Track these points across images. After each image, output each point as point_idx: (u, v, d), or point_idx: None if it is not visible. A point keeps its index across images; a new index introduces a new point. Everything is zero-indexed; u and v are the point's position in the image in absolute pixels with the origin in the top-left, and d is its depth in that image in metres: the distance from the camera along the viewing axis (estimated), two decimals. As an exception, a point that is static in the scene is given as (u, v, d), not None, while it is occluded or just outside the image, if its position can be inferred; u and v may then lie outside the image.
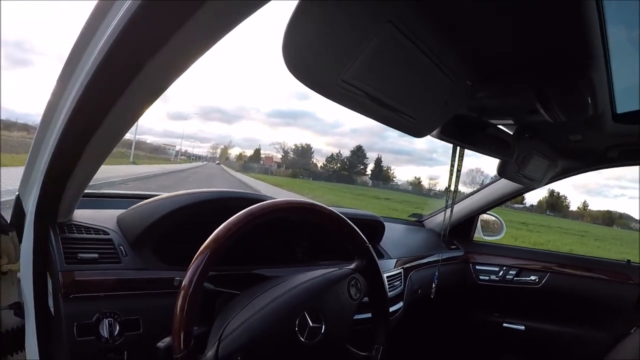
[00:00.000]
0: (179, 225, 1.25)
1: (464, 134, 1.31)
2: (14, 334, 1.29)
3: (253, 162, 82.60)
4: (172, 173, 28.12)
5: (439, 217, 2.70)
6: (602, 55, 0.92)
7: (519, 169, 1.66)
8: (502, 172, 1.62)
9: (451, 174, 1.46)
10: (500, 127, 1.48)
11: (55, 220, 1.15)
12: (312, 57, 0.67)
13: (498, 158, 1.56)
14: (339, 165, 77.40)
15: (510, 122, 1.48)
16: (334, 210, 1.19)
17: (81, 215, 1.26)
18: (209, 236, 0.99)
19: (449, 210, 1.60)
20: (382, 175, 74.50)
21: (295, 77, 0.67)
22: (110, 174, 16.20)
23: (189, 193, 1.30)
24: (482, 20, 0.84)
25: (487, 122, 1.41)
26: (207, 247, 0.93)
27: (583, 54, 0.91)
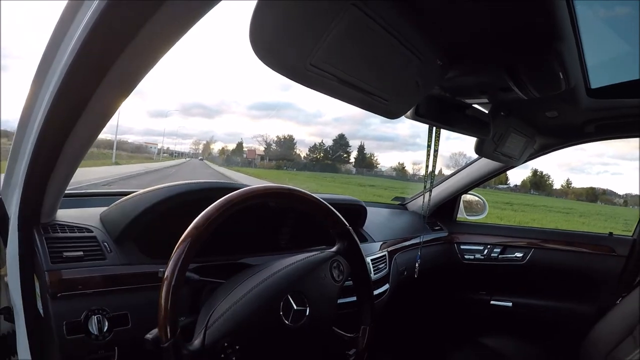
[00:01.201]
0: (161, 218, 1.25)
1: (439, 114, 1.32)
2: (5, 339, 1.29)
3: (236, 156, 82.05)
4: (156, 171, 27.93)
5: (421, 200, 2.70)
6: (570, 29, 0.93)
7: (496, 147, 1.68)
8: (479, 150, 1.64)
9: (428, 155, 1.47)
10: (476, 106, 1.49)
11: (39, 221, 1.16)
12: (279, 42, 0.68)
13: (475, 137, 1.58)
14: (322, 154, 77.40)
15: (485, 100, 1.49)
16: (315, 196, 1.19)
17: (64, 215, 1.26)
18: (188, 226, 0.99)
19: (428, 192, 1.62)
20: (365, 162, 74.63)
21: (264, 62, 0.67)
22: (93, 176, 16.05)
23: (169, 186, 1.30)
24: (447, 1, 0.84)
25: (462, 101, 1.43)
26: (187, 236, 0.94)
27: (550, 29, 0.92)
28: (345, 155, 76.78)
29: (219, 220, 0.97)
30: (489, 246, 2.55)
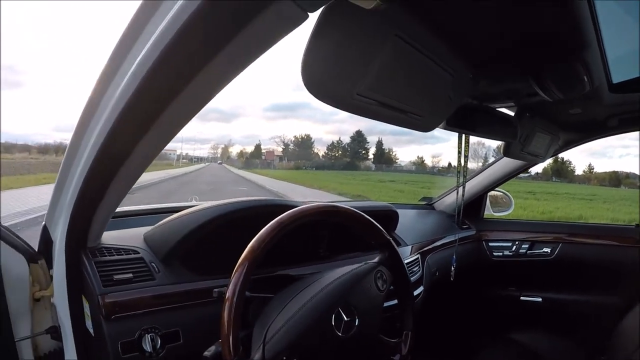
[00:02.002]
0: (206, 238, 1.30)
1: (468, 122, 1.36)
2: (51, 356, 1.35)
3: (255, 158, 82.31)
4: (177, 177, 28.18)
5: (448, 199, 2.74)
6: (594, 34, 0.95)
7: (522, 147, 1.71)
8: (507, 152, 1.67)
9: (459, 162, 1.51)
10: (502, 110, 1.53)
11: (86, 245, 1.20)
12: (329, 77, 0.73)
13: (502, 140, 1.61)
14: (340, 152, 77.18)
15: (511, 104, 1.52)
16: (352, 207, 1.24)
17: (108, 237, 1.30)
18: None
19: (460, 194, 1.66)
20: (384, 158, 74.27)
21: (314, 95, 0.72)
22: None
23: (211, 206, 1.34)
24: (477, 18, 0.89)
25: (489, 107, 1.46)
26: (245, 259, 0.99)
27: (575, 38, 0.95)
28: (363, 152, 76.57)
29: (272, 242, 1.02)
30: (517, 242, 2.55)
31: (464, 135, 1.47)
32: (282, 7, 0.54)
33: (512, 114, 1.58)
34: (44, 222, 1.27)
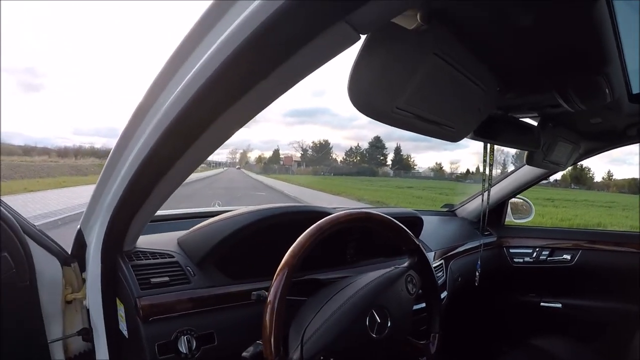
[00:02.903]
0: (240, 244, 1.34)
1: (494, 132, 1.40)
2: (81, 358, 1.40)
3: (273, 164, 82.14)
4: (197, 181, 28.34)
5: (470, 206, 2.78)
6: (615, 48, 0.98)
7: (545, 156, 1.74)
8: (530, 161, 1.71)
9: (484, 170, 1.57)
10: (526, 120, 1.57)
11: (122, 249, 1.24)
12: (372, 93, 0.79)
13: (526, 150, 1.65)
14: (358, 158, 76.82)
15: (534, 114, 1.57)
16: (381, 213, 1.30)
17: (143, 241, 1.35)
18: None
19: (485, 201, 1.71)
20: (402, 164, 73.72)
21: (358, 109, 0.79)
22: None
23: (246, 213, 1.38)
24: (507, 36, 0.94)
25: (513, 117, 1.51)
26: (285, 264, 1.04)
27: (598, 52, 0.98)
28: (382, 158, 76.15)
29: (311, 247, 1.08)
30: (537, 249, 2.58)
31: (489, 145, 1.53)
32: (338, 29, 0.60)
33: (535, 123, 1.62)
34: (78, 226, 1.30)
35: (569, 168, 2.16)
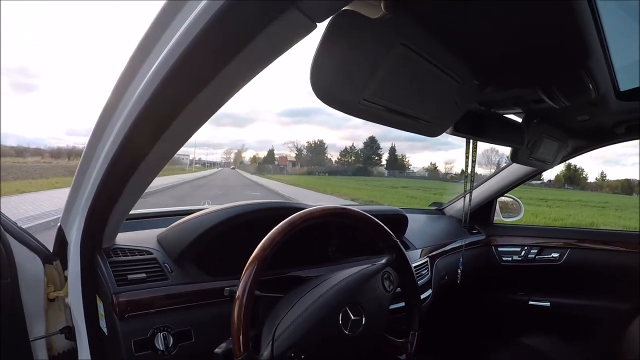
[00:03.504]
0: (217, 240, 1.34)
1: (476, 128, 1.38)
2: (65, 356, 1.39)
3: (267, 164, 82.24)
4: (190, 182, 28.29)
5: (458, 204, 2.76)
6: (598, 42, 0.97)
7: (530, 154, 1.72)
8: (514, 157, 1.68)
9: (466, 166, 1.55)
10: (509, 116, 1.55)
11: (101, 246, 1.24)
12: (336, 83, 0.76)
13: (509, 146, 1.63)
14: (353, 158, 76.88)
15: (519, 110, 1.54)
16: (361, 210, 1.28)
17: (122, 238, 1.35)
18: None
19: (467, 200, 1.69)
20: (397, 164, 73.82)
21: (322, 101, 0.76)
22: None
23: (224, 208, 1.38)
24: (481, 28, 0.91)
25: (497, 113, 1.49)
26: (255, 258, 1.03)
27: (579, 47, 0.97)
28: (376, 158, 76.27)
29: (282, 241, 1.06)
30: (526, 247, 2.57)
31: (471, 141, 1.50)
32: (291, 17, 0.58)
33: (519, 120, 1.60)
34: (59, 224, 1.30)
35: (562, 168, 2.15)
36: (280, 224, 1.09)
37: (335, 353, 1.09)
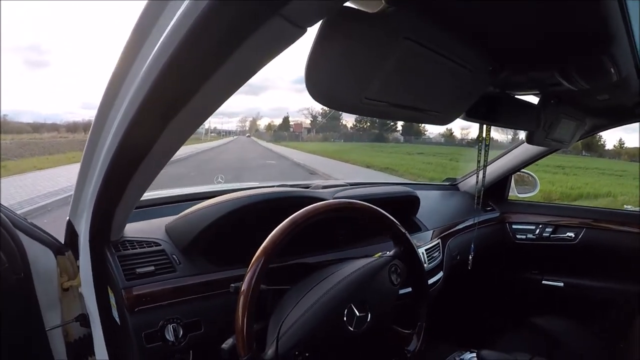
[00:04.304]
0: (225, 230, 1.34)
1: (489, 112, 1.32)
2: (81, 342, 1.43)
3: (283, 131, 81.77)
4: (207, 151, 28.39)
5: (473, 180, 2.71)
6: (622, 27, 0.90)
7: (547, 135, 1.66)
8: (530, 140, 1.63)
9: (479, 150, 1.50)
10: (525, 98, 1.49)
11: (109, 239, 1.24)
12: (334, 86, 0.71)
13: (525, 130, 1.58)
14: (369, 124, 76.43)
15: (535, 92, 1.49)
16: (372, 192, 1.25)
17: (131, 229, 1.34)
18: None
19: (480, 184, 1.64)
20: (413, 130, 73.11)
21: (320, 103, 0.71)
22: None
23: (230, 199, 1.37)
24: (493, 12, 0.84)
25: (511, 95, 1.43)
26: (260, 256, 1.03)
27: (603, 32, 0.90)
28: (392, 124, 75.73)
29: (286, 240, 1.06)
30: (540, 225, 2.53)
31: (485, 125, 1.45)
32: (275, 25, 0.54)
33: (536, 99, 1.54)
34: (67, 217, 1.31)
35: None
36: (283, 223, 1.09)
37: (341, 350, 1.09)
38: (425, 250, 1.83)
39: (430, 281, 1.79)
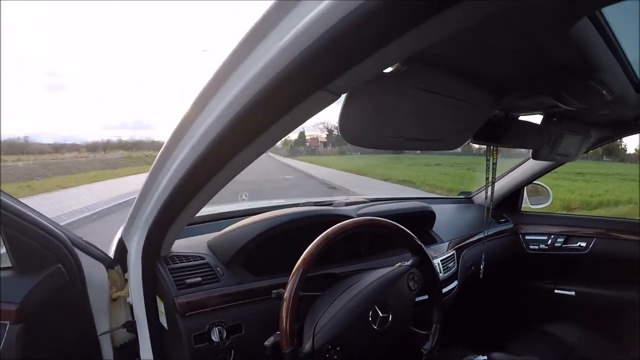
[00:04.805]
0: (263, 245, 1.50)
1: (494, 135, 1.44)
2: (126, 346, 1.58)
3: (299, 145, 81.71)
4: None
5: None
6: (609, 53, 0.98)
7: (552, 150, 1.72)
8: (536, 156, 1.70)
9: (487, 168, 1.61)
10: (527, 118, 1.58)
11: (159, 255, 1.40)
12: (363, 130, 0.90)
13: (530, 148, 1.67)
14: (384, 136, 75.61)
15: (537, 112, 1.57)
16: (391, 208, 1.46)
17: (177, 245, 1.50)
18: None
19: (489, 199, 1.74)
20: (429, 141, 72.28)
21: (352, 144, 0.90)
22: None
23: (266, 219, 1.53)
24: (490, 59, 1.00)
25: (514, 117, 1.53)
26: (299, 267, 1.20)
27: (588, 63, 0.99)
28: (409, 135, 74.63)
29: (320, 254, 1.24)
30: (552, 236, 2.59)
31: (491, 147, 1.56)
32: (319, 96, 0.68)
33: (539, 119, 1.60)
34: (119, 235, 1.47)
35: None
36: (317, 239, 1.27)
37: (366, 345, 1.26)
38: (441, 260, 1.95)
39: (446, 289, 1.90)
